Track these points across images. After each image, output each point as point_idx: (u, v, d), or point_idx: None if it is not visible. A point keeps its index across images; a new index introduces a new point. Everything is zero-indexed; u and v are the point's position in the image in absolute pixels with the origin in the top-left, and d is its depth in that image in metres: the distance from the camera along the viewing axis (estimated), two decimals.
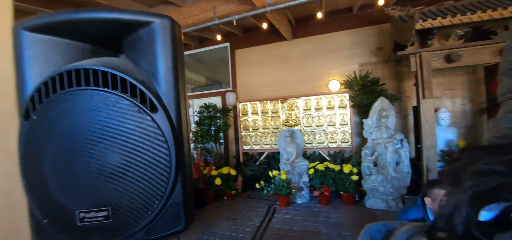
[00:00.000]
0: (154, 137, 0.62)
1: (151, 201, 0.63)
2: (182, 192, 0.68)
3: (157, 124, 0.63)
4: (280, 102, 4.67)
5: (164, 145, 0.63)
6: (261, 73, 5.31)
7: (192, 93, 6.39)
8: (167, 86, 0.68)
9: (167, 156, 0.63)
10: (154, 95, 0.64)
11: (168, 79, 0.68)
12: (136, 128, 0.62)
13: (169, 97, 0.68)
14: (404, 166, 3.53)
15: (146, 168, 0.62)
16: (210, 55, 6.49)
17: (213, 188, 4.12)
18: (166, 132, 0.63)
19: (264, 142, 4.80)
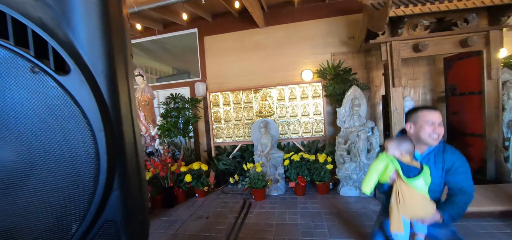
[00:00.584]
0: (65, 116, 0.37)
1: (65, 222, 0.38)
2: (121, 204, 0.43)
3: (69, 93, 0.37)
4: (253, 92, 4.47)
5: (84, 130, 0.38)
6: (233, 61, 5.04)
7: (157, 84, 5.87)
8: (90, 33, 0.41)
9: (92, 149, 0.38)
10: (64, 46, 0.38)
11: (92, 22, 0.41)
12: (31, 100, 0.35)
13: (94, 53, 0.41)
14: (375, 153, 3.61)
15: (54, 170, 0.37)
16: (177, 42, 6.00)
17: (183, 186, 3.79)
18: (87, 107, 0.38)
19: (237, 134, 4.58)
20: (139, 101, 4.56)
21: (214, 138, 4.65)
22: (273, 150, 3.94)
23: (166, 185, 3.63)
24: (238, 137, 4.58)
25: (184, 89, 5.39)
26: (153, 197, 3.58)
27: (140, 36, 5.63)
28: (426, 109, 1.50)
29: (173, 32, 5.43)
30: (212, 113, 4.63)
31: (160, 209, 3.62)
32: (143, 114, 4.61)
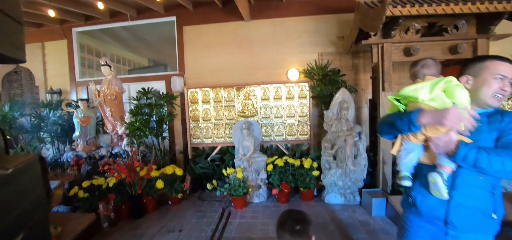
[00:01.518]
0: None
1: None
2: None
3: None
4: (235, 90, 4.13)
5: None
6: (214, 55, 4.64)
7: (128, 76, 5.29)
8: None
9: None
10: None
11: None
12: None
13: None
14: (362, 159, 3.46)
15: None
16: (153, 31, 5.46)
17: (153, 193, 3.36)
18: None
19: (216, 135, 4.21)
20: (105, 95, 4.01)
21: (191, 139, 4.24)
22: (256, 154, 3.64)
23: (133, 193, 3.18)
24: (217, 138, 4.22)
25: (159, 83, 4.88)
26: (117, 207, 3.11)
27: (109, 20, 5.00)
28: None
29: (148, 19, 4.88)
30: (189, 111, 4.21)
31: (126, 221, 3.17)
32: (109, 110, 4.07)
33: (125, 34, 5.70)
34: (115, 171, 3.11)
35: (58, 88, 5.22)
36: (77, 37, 5.24)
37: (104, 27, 5.12)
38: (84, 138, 4.12)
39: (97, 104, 4.05)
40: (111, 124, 4.11)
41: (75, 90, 5.21)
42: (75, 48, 5.22)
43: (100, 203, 2.99)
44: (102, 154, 3.99)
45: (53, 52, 5.30)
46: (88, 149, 4.12)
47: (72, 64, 5.21)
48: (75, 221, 2.91)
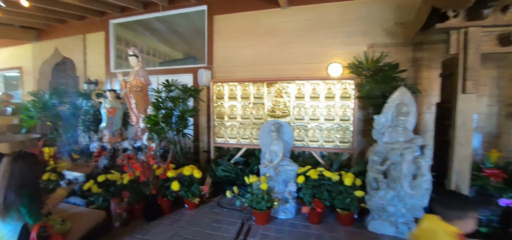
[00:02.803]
0: None
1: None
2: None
3: None
4: (266, 85, 3.61)
5: None
6: (244, 47, 4.20)
7: (155, 68, 5.18)
8: None
9: None
10: None
11: None
12: None
13: None
14: (424, 181, 2.64)
15: None
16: (185, 22, 5.26)
17: (169, 195, 3.05)
18: None
19: (242, 135, 3.76)
20: (131, 86, 3.87)
21: (214, 138, 3.87)
22: (285, 161, 3.08)
23: (147, 193, 2.91)
24: (243, 139, 3.76)
25: (187, 77, 4.65)
26: (130, 206, 2.87)
27: (143, 11, 4.93)
28: None
29: (179, 9, 4.67)
30: (214, 108, 3.84)
31: (138, 221, 2.92)
32: (134, 101, 3.92)
33: (159, 26, 5.63)
34: (129, 168, 2.87)
35: (95, 78, 5.38)
36: (113, 28, 5.32)
37: (138, 18, 5.09)
38: (110, 129, 4.06)
39: (123, 95, 3.94)
40: (135, 116, 3.97)
41: (109, 81, 5.30)
42: (111, 40, 5.31)
43: (112, 201, 2.78)
44: (125, 147, 3.87)
45: (92, 43, 5.48)
46: (113, 140, 4.05)
47: (107, 55, 5.30)
48: (85, 217, 2.74)
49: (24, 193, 2.03)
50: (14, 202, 2.00)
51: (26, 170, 2.03)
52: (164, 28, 5.74)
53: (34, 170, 2.11)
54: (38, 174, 2.22)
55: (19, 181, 2.00)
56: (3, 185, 1.94)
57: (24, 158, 2.04)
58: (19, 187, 2.03)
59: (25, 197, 2.04)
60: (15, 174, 1.97)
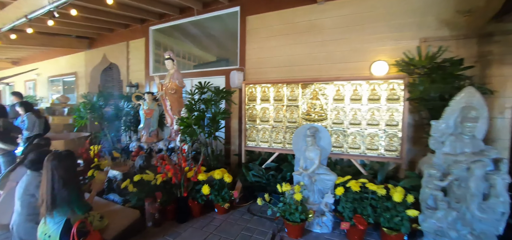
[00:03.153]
0: None
1: None
2: None
3: None
4: (300, 87, 3.38)
5: None
6: (278, 47, 4.03)
7: (190, 71, 5.28)
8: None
9: None
10: None
11: None
12: None
13: None
14: (498, 202, 2.14)
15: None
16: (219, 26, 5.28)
17: (199, 198, 3.01)
18: None
19: (274, 139, 3.57)
20: (166, 89, 3.98)
21: (245, 141, 3.75)
22: (321, 169, 2.80)
23: (179, 195, 2.90)
24: (275, 143, 3.57)
25: (219, 79, 4.64)
26: (163, 207, 2.89)
27: (179, 16, 5.09)
28: None
29: (213, 12, 4.70)
30: (245, 110, 3.73)
31: (170, 222, 2.92)
32: (169, 103, 4.02)
33: (194, 31, 5.77)
34: (162, 169, 2.89)
35: (136, 82, 5.72)
36: (152, 34, 5.60)
37: (174, 23, 5.27)
38: (147, 130, 4.23)
39: (159, 97, 4.07)
40: (170, 117, 4.06)
41: (148, 84, 5.59)
42: (151, 45, 5.60)
43: (146, 200, 2.83)
44: (160, 148, 3.98)
45: (134, 49, 5.85)
46: (150, 140, 4.21)
47: (147, 60, 5.60)
48: (121, 215, 2.82)
49: (70, 189, 2.15)
50: (61, 198, 2.12)
51: (65, 168, 2.13)
52: (198, 32, 5.87)
53: (72, 167, 2.23)
54: (75, 170, 2.35)
55: (62, 179, 2.12)
56: (48, 184, 2.06)
57: (61, 157, 2.15)
58: (64, 184, 2.14)
59: (71, 192, 2.15)
60: (57, 173, 2.08)
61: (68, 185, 2.15)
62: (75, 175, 2.27)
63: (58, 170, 2.09)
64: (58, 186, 2.09)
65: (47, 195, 2.05)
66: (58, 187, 2.09)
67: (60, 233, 2.14)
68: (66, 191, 2.12)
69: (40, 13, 3.46)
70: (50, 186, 2.06)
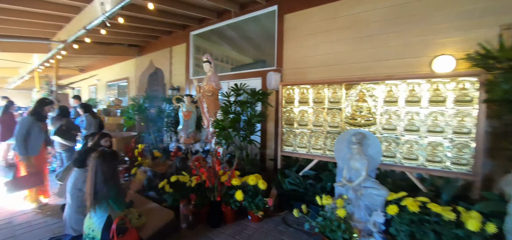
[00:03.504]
0: None
1: None
2: None
3: None
4: (344, 87, 3.03)
5: None
6: (318, 45, 3.73)
7: (226, 73, 5.29)
8: None
9: None
10: None
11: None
12: None
13: None
14: None
15: None
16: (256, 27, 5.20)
17: (232, 203, 2.90)
18: None
19: (313, 145, 3.28)
20: (203, 91, 4.02)
21: (282, 146, 3.54)
22: (369, 182, 2.43)
23: (212, 198, 2.83)
24: (314, 150, 3.28)
25: (256, 81, 4.54)
26: (197, 209, 2.86)
27: (217, 20, 5.16)
28: None
29: (250, 13, 4.63)
30: (282, 113, 3.52)
31: (203, 226, 2.87)
32: (206, 105, 4.05)
33: (231, 34, 5.80)
34: (196, 171, 2.87)
35: (177, 85, 6.00)
36: (193, 39, 5.81)
37: (213, 27, 5.37)
38: (185, 131, 4.33)
39: (197, 99, 4.13)
40: (207, 120, 4.09)
41: (188, 87, 5.80)
42: (191, 50, 5.80)
43: (181, 202, 2.83)
44: (196, 149, 4.02)
45: (177, 54, 6.15)
46: (188, 142, 4.30)
47: (187, 64, 5.82)
48: (157, 215, 2.87)
49: (109, 186, 2.24)
50: (101, 194, 2.22)
51: (107, 166, 2.23)
52: (235, 34, 5.89)
53: (113, 166, 2.32)
54: (117, 169, 2.44)
55: (103, 176, 2.21)
56: (91, 180, 2.17)
57: (105, 156, 2.25)
58: (104, 181, 2.24)
59: (110, 189, 2.24)
60: (100, 170, 2.18)
61: (108, 182, 2.24)
62: (116, 173, 2.36)
63: (101, 167, 2.19)
64: (100, 183, 2.19)
65: (90, 190, 2.17)
66: (100, 183, 2.19)
67: (102, 228, 2.23)
68: (106, 187, 2.21)
69: (95, 24, 3.83)
70: (93, 182, 2.17)
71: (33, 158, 3.50)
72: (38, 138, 3.47)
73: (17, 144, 3.36)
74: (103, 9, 3.52)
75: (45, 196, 3.59)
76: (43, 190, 3.56)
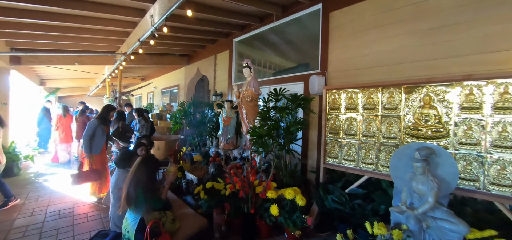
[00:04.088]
0: None
1: None
2: None
3: None
4: (403, 91, 2.52)
5: None
6: (371, 43, 3.25)
7: (267, 78, 5.12)
8: None
9: None
10: None
11: None
12: None
13: None
14: None
15: None
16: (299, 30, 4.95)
17: (267, 218, 2.67)
18: None
19: (363, 158, 2.82)
20: (243, 96, 3.94)
21: (325, 157, 3.15)
22: (439, 211, 1.89)
23: (245, 210, 2.66)
24: (364, 164, 2.81)
25: (298, 85, 4.25)
26: (230, 219, 2.72)
27: (259, 25, 5.08)
28: None
29: (293, 15, 4.40)
30: (326, 120, 3.15)
31: (236, 238, 2.72)
32: (245, 111, 3.95)
33: (273, 38, 5.66)
34: (230, 180, 2.75)
35: (220, 91, 6.12)
36: (235, 46, 5.86)
37: (255, 32, 5.31)
38: (225, 137, 4.31)
39: (236, 105, 4.07)
40: (246, 126, 3.98)
41: (230, 93, 5.85)
42: (234, 56, 5.86)
43: (215, 210, 2.74)
44: (234, 156, 3.94)
45: (220, 61, 6.30)
46: (226, 147, 4.27)
47: (230, 70, 5.89)
48: (191, 221, 2.83)
49: (138, 192, 2.27)
50: (132, 196, 2.27)
51: (145, 170, 2.27)
52: (277, 39, 5.72)
53: (151, 171, 2.36)
54: (153, 175, 2.49)
55: (137, 181, 2.26)
56: (127, 182, 2.24)
57: (145, 160, 2.30)
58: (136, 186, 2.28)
59: (138, 193, 2.27)
60: (137, 173, 2.24)
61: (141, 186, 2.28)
62: (151, 180, 2.41)
63: (138, 172, 2.25)
64: (133, 186, 2.24)
65: (125, 192, 2.24)
66: (133, 187, 2.24)
67: (135, 230, 2.27)
68: (135, 192, 2.24)
69: (146, 36, 4.15)
70: (127, 184, 2.24)
71: (95, 156, 3.97)
72: (101, 139, 3.94)
73: (84, 143, 3.87)
74: (152, 21, 3.78)
75: (104, 192, 3.99)
76: (102, 186, 3.97)
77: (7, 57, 5.65)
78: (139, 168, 2.26)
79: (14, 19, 4.17)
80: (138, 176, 2.19)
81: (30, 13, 3.94)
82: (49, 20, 4.09)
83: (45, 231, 2.98)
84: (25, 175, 5.48)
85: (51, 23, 4.30)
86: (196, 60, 7.33)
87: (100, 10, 3.84)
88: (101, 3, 3.77)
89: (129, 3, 3.88)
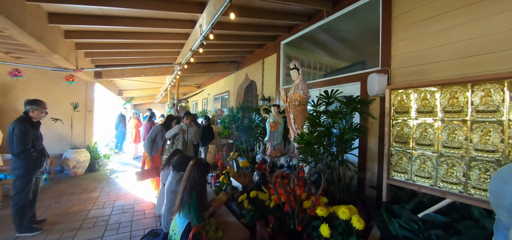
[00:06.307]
0: None
1: None
2: None
3: None
4: (506, 87, 1.86)
5: None
6: (447, 30, 2.59)
7: (317, 80, 4.71)
8: None
9: None
10: None
11: None
12: None
13: None
14: None
15: None
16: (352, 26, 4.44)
17: (317, 237, 2.33)
18: None
19: (444, 176, 2.20)
20: (290, 100, 3.69)
21: (389, 171, 2.62)
22: None
23: (291, 226, 2.39)
24: (446, 183, 2.19)
25: (353, 86, 3.75)
26: (274, 234, 2.50)
27: (308, 24, 4.76)
28: None
29: (346, 8, 3.94)
30: (390, 126, 2.62)
31: None
32: (292, 116, 3.68)
33: (323, 37, 5.23)
34: (275, 191, 2.52)
35: (268, 95, 5.98)
36: (283, 49, 5.65)
37: (303, 32, 5.00)
38: (271, 143, 4.13)
39: (283, 109, 3.85)
40: (293, 131, 3.71)
41: (278, 97, 5.65)
42: (281, 59, 5.66)
43: (258, 222, 2.56)
44: (281, 164, 3.70)
45: (268, 65, 6.18)
46: (273, 154, 4.07)
47: (278, 74, 5.70)
48: (234, 231, 2.70)
49: (192, 195, 2.27)
50: (185, 200, 2.27)
51: (199, 175, 2.27)
52: (327, 37, 5.26)
53: (203, 176, 2.35)
54: (205, 180, 2.46)
55: (192, 183, 2.27)
56: (183, 185, 2.27)
57: (199, 166, 2.30)
58: (191, 189, 2.28)
59: (192, 198, 2.26)
60: (191, 177, 2.25)
61: (196, 190, 2.27)
62: (203, 184, 2.38)
63: (192, 175, 2.27)
64: (187, 189, 2.26)
65: (180, 194, 2.27)
66: (187, 190, 2.26)
67: (181, 233, 2.27)
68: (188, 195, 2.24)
69: (197, 45, 4.33)
70: (183, 187, 2.27)
71: (153, 156, 4.41)
72: (160, 142, 4.45)
73: (146, 144, 4.42)
74: (201, 30, 3.91)
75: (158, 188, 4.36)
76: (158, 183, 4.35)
77: (92, 73, 6.80)
78: (192, 171, 2.28)
79: (97, 40, 4.97)
80: (193, 180, 2.22)
81: (108, 34, 4.60)
82: (122, 39, 4.72)
83: (110, 224, 3.33)
84: (103, 171, 6.43)
85: (123, 41, 4.97)
86: (244, 66, 7.42)
87: (160, 25, 4.21)
88: (160, 19, 4.13)
89: (182, 16, 4.12)
